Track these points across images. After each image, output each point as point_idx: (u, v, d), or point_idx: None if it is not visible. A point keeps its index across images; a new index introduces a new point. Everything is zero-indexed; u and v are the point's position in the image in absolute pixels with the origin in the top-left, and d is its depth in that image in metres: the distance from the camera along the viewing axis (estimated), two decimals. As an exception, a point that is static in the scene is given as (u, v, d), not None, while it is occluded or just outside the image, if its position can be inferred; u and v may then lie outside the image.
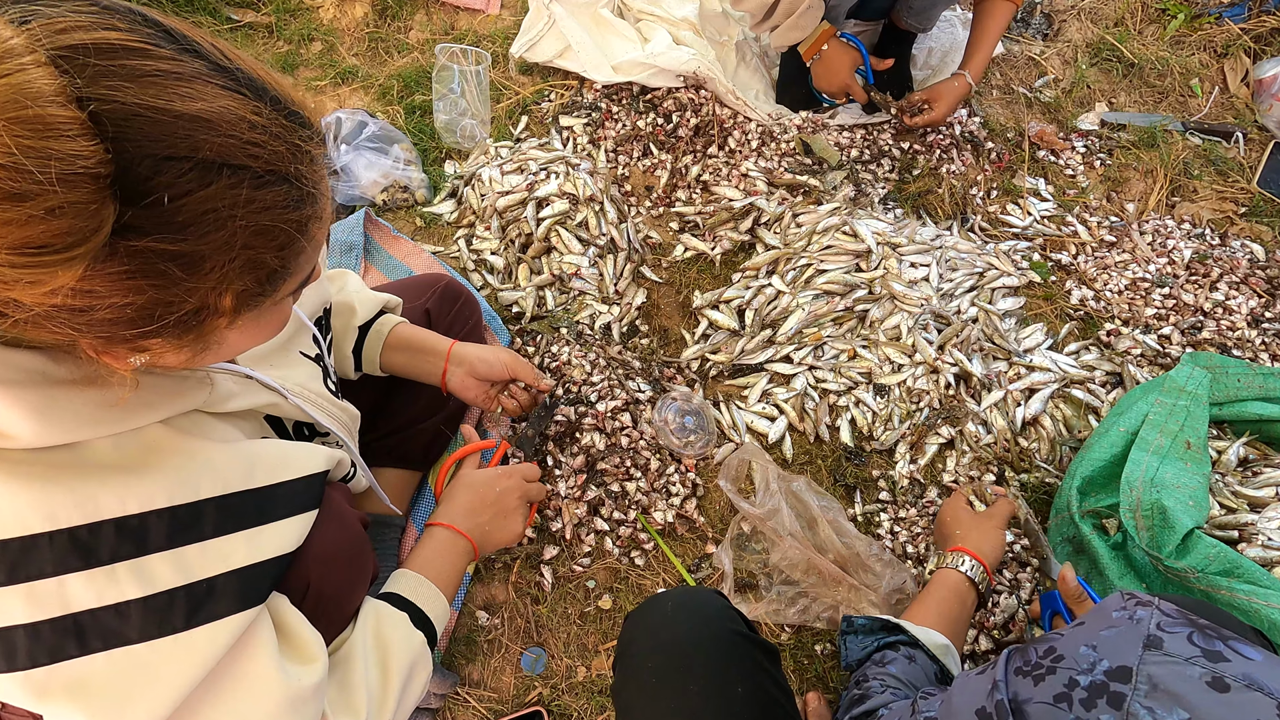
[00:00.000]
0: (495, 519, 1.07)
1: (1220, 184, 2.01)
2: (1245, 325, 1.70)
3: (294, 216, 0.56)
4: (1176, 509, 1.15)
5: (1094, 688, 0.54)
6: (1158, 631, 0.55)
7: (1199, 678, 0.51)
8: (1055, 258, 1.84)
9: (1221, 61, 2.22)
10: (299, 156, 0.55)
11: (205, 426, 0.70)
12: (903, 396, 1.57)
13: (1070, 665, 0.57)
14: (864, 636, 1.01)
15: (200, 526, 0.64)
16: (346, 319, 1.15)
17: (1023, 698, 0.58)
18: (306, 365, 0.90)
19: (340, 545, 0.82)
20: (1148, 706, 0.51)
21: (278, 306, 0.63)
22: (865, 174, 1.87)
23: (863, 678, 0.92)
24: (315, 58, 1.98)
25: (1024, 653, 0.62)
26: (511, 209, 1.67)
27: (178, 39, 0.51)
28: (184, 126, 0.48)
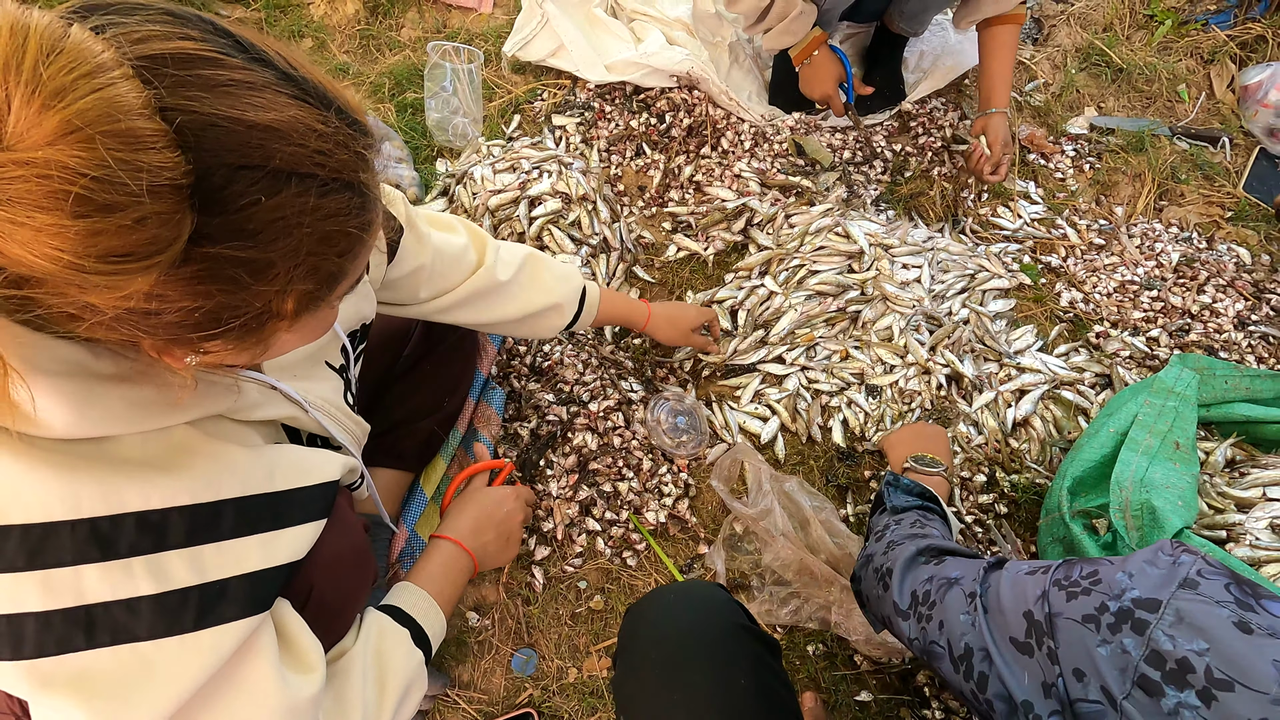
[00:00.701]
0: (498, 539, 1.10)
1: (1207, 188, 2.03)
2: (1232, 328, 1.72)
3: (356, 222, 0.57)
4: (1166, 509, 1.16)
5: (1121, 613, 0.57)
6: (1196, 576, 0.57)
7: (1226, 618, 0.53)
8: (1045, 260, 1.85)
9: (1208, 67, 2.24)
10: (361, 164, 0.56)
11: (229, 431, 0.70)
12: (895, 397, 1.58)
13: (1105, 589, 0.60)
14: (906, 495, 1.12)
15: (219, 526, 0.64)
16: (555, 320, 1.26)
17: (1055, 611, 0.63)
18: (331, 378, 0.90)
19: (344, 551, 0.82)
20: (1169, 634, 0.54)
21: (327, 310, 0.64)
22: (858, 175, 1.87)
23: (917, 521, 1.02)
24: (306, 54, 1.96)
25: (1070, 567, 0.66)
26: (504, 208, 1.66)
27: (247, 48, 0.51)
28: (257, 136, 0.49)
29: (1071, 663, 0.60)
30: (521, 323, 1.24)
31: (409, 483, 1.37)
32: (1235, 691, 0.50)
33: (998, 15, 1.74)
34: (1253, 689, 0.49)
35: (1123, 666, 0.56)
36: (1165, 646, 0.54)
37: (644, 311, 1.40)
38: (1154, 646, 0.54)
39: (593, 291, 1.31)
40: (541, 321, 1.26)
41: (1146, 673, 0.54)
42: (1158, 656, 0.54)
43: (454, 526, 1.06)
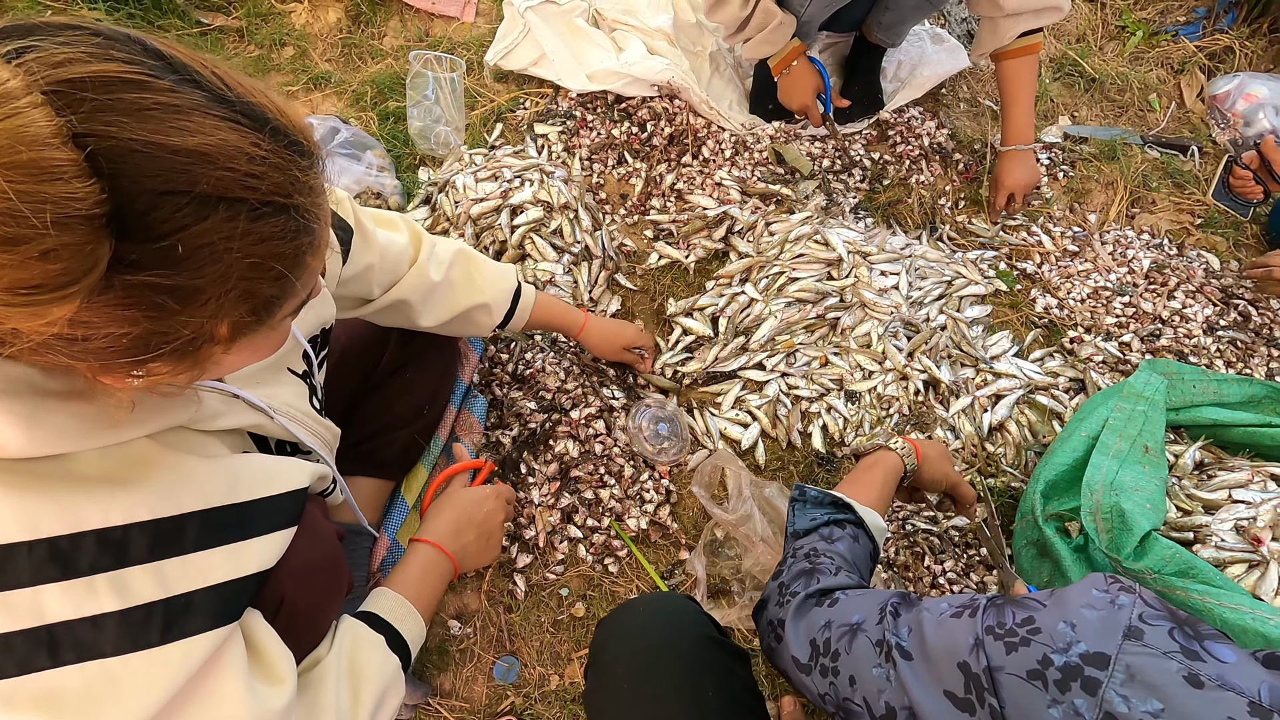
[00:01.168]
0: (479, 540, 1.09)
1: (1178, 196, 2.07)
2: (1201, 333, 1.76)
3: (291, 246, 0.56)
4: (1135, 511, 1.18)
5: (1068, 669, 0.55)
6: (1139, 623, 0.55)
7: (1176, 672, 0.52)
8: (1021, 267, 1.89)
9: (1178, 78, 2.29)
10: (297, 186, 0.55)
11: (191, 442, 0.70)
12: (873, 403, 1.60)
13: (1046, 641, 0.57)
14: (813, 508, 0.99)
15: (181, 540, 0.64)
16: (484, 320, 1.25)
17: (995, 665, 0.59)
18: (294, 383, 0.90)
19: (315, 559, 0.82)
20: (1123, 694, 0.52)
21: (276, 327, 0.63)
22: (837, 183, 1.90)
23: (813, 551, 0.92)
24: (287, 63, 1.97)
25: (1000, 612, 0.62)
26: (485, 216, 1.67)
27: (178, 69, 0.50)
28: (182, 161, 0.48)
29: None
30: (450, 324, 1.23)
31: (390, 491, 1.37)
32: None
33: (1008, 50, 1.75)
34: None
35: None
36: (1120, 709, 0.52)
37: (579, 320, 1.42)
38: (1107, 709, 0.52)
39: (528, 294, 1.31)
40: (470, 320, 1.25)
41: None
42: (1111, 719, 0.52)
43: (433, 529, 1.06)
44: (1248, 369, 1.72)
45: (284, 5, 2.04)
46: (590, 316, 1.44)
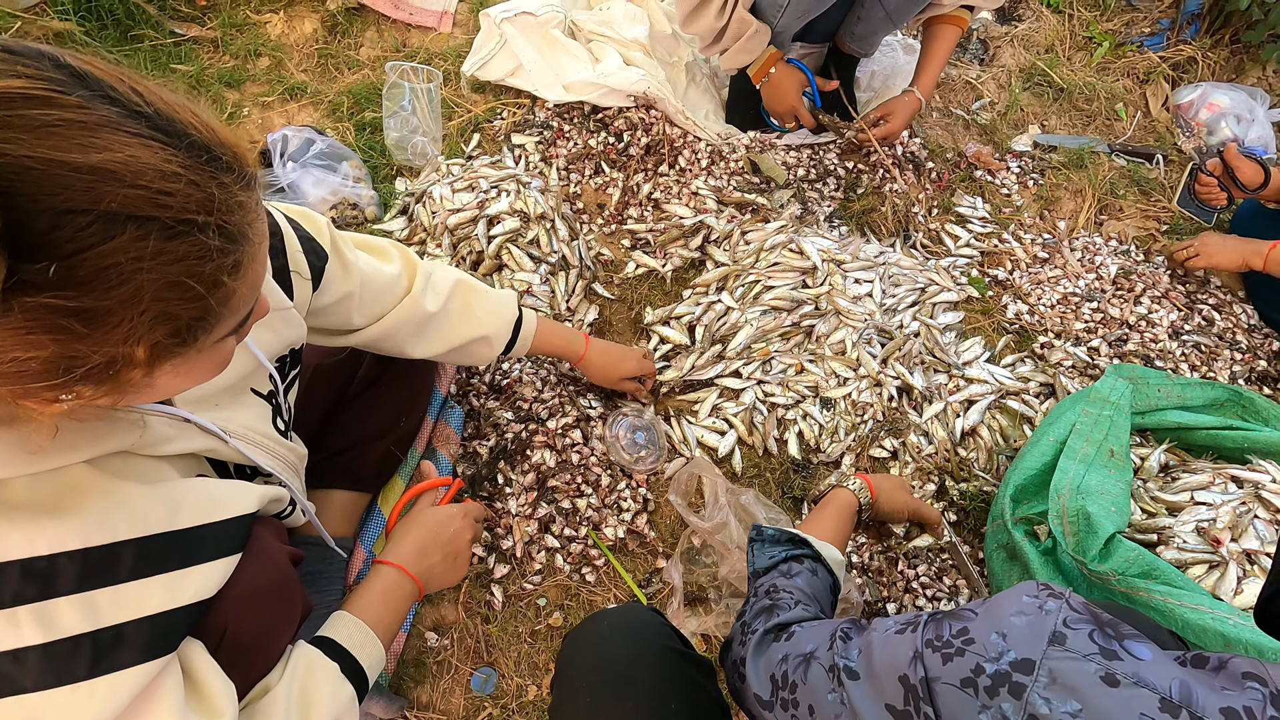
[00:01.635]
0: (444, 560, 1.05)
1: (1144, 203, 2.12)
2: (1166, 337, 1.80)
3: (212, 265, 0.54)
4: (1100, 515, 1.21)
5: (998, 676, 0.57)
6: (1063, 628, 0.58)
7: (1094, 673, 0.54)
8: (992, 274, 1.92)
9: (1143, 87, 2.35)
10: (218, 204, 0.53)
11: (136, 468, 0.68)
12: (848, 409, 1.62)
13: (979, 651, 0.59)
14: (771, 546, 1.02)
15: (115, 569, 0.62)
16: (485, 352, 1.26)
17: (933, 675, 0.61)
18: (257, 405, 0.88)
19: (262, 586, 0.79)
20: (1045, 697, 0.54)
21: (216, 347, 0.61)
22: (811, 192, 1.92)
23: (772, 587, 0.94)
24: (263, 73, 1.96)
25: (939, 625, 0.65)
26: (463, 226, 1.68)
27: (91, 85, 0.49)
28: (85, 179, 0.47)
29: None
30: (447, 355, 1.23)
31: (366, 504, 1.37)
32: None
33: (936, 15, 1.84)
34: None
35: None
36: (1042, 711, 0.54)
37: (581, 348, 1.41)
38: (1031, 711, 0.54)
39: (529, 323, 1.30)
40: (470, 352, 1.24)
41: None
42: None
43: (397, 550, 1.02)
44: (1211, 372, 1.76)
45: (259, 16, 2.04)
46: (591, 343, 1.41)
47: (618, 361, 1.46)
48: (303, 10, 2.06)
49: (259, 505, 0.79)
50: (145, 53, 1.90)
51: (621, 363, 1.47)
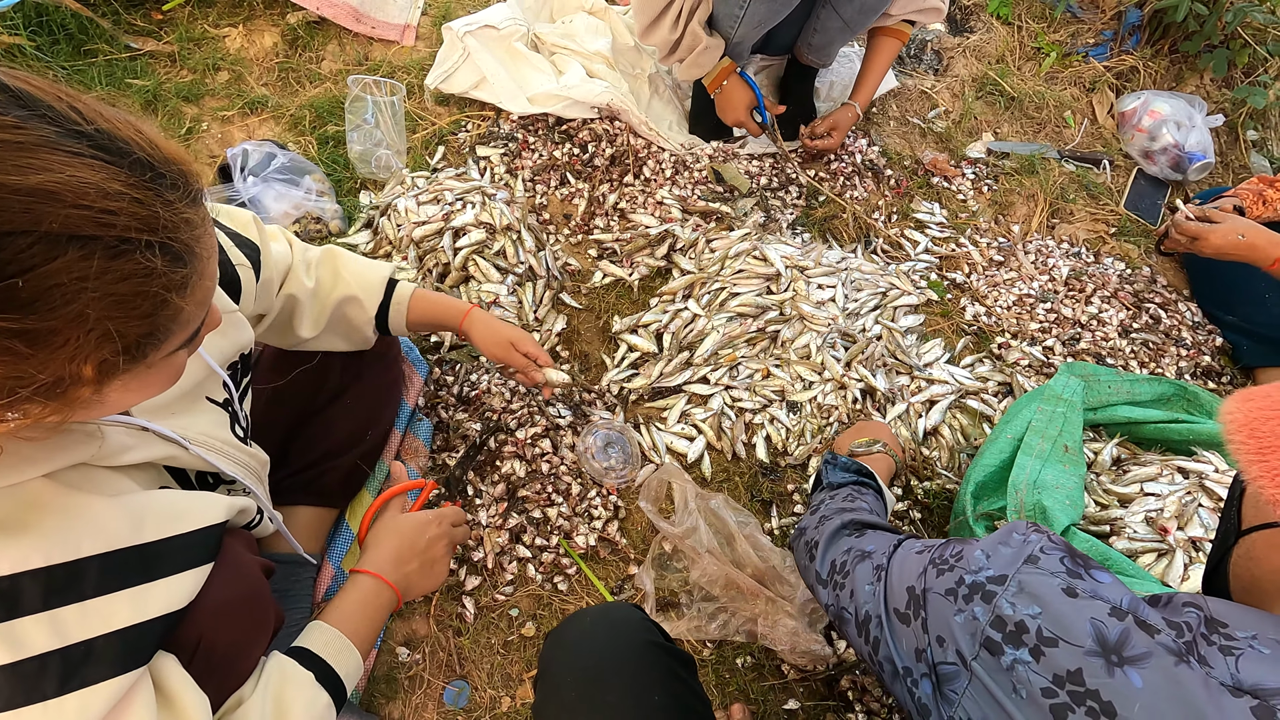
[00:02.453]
0: (422, 567, 1.04)
1: (1093, 207, 2.20)
2: (1117, 335, 1.87)
3: (159, 283, 0.54)
4: (1055, 508, 1.25)
5: (974, 586, 0.67)
6: (1038, 552, 0.66)
7: (1057, 585, 0.62)
8: (950, 277, 1.97)
9: (1090, 95, 2.44)
10: (163, 221, 0.54)
11: (96, 480, 0.67)
12: (814, 412, 1.65)
13: (965, 566, 0.69)
14: (844, 471, 1.22)
15: (80, 586, 0.61)
16: (358, 314, 1.19)
17: (928, 586, 0.72)
18: (212, 412, 0.88)
19: (235, 597, 0.78)
20: (1011, 602, 0.63)
21: (167, 361, 0.61)
22: (774, 201, 1.96)
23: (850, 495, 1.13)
24: (222, 87, 1.94)
25: (944, 549, 0.76)
26: (428, 239, 1.68)
27: (28, 104, 0.49)
28: (23, 200, 0.47)
29: (936, 630, 0.68)
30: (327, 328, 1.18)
31: (333, 519, 1.36)
32: (1059, 646, 0.58)
33: (880, 27, 1.91)
34: (1072, 644, 0.58)
35: (973, 631, 0.64)
36: (1007, 612, 0.62)
37: (460, 314, 1.30)
38: (998, 613, 0.63)
39: (403, 285, 1.24)
40: (346, 319, 1.20)
41: (991, 635, 0.62)
42: (1000, 621, 0.62)
43: (374, 559, 1.01)
44: (1159, 368, 1.83)
45: (218, 30, 2.02)
46: (475, 310, 1.32)
47: (501, 328, 1.32)
48: (262, 24, 2.05)
49: (227, 515, 0.79)
50: (99, 68, 1.87)
51: (506, 330, 1.32)
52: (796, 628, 1.32)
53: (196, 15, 2.03)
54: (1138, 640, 0.55)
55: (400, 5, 2.13)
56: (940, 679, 0.67)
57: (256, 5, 2.05)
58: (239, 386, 0.95)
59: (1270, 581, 0.60)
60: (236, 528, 0.88)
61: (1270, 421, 0.56)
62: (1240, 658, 0.52)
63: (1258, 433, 0.56)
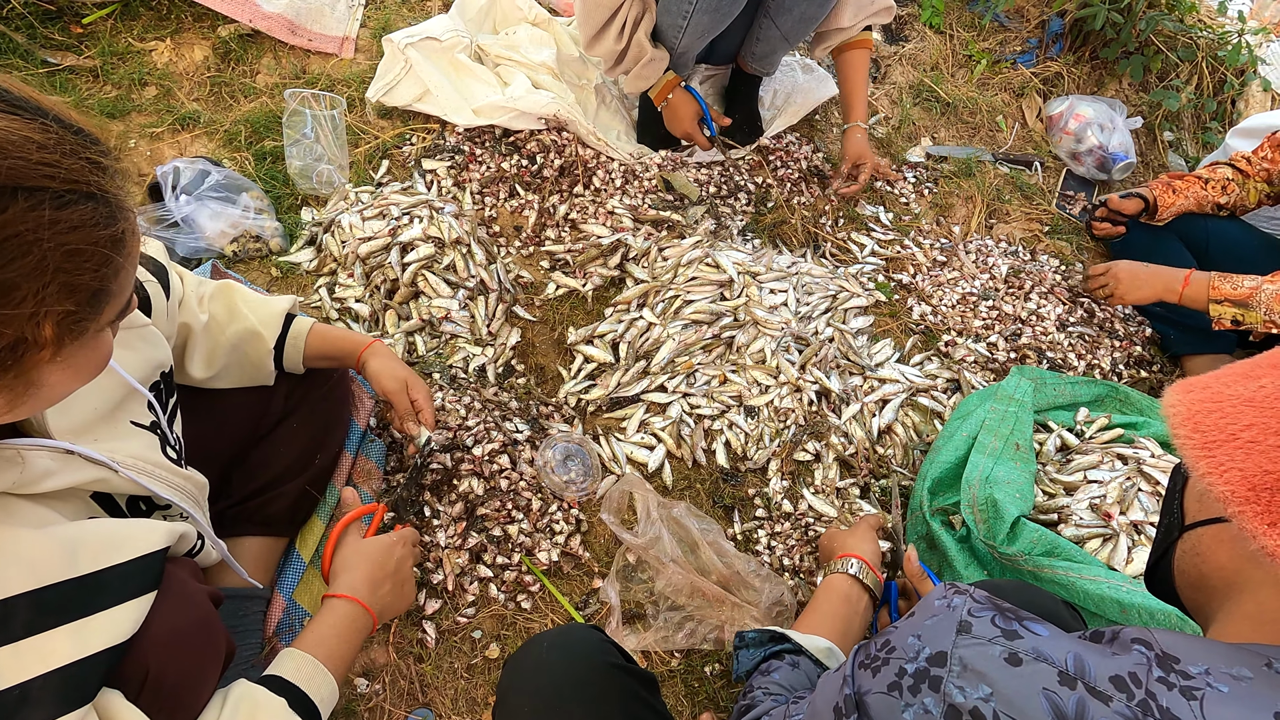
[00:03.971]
0: (394, 589, 1.05)
1: (1027, 207, 2.29)
2: (1055, 330, 1.94)
3: (106, 233, 0.55)
4: (1006, 502, 1.28)
5: (918, 674, 0.59)
6: (968, 617, 0.60)
7: (999, 655, 0.56)
8: (897, 278, 2.02)
9: (1019, 100, 2.54)
10: (97, 171, 0.55)
11: (17, 512, 0.64)
12: (771, 416, 1.66)
13: (900, 655, 0.62)
14: (754, 649, 1.05)
15: (10, 626, 0.58)
16: (257, 347, 1.14)
17: (864, 690, 0.63)
18: (140, 435, 0.84)
19: (184, 626, 0.76)
20: (959, 685, 0.56)
21: (98, 339, 0.61)
22: (724, 208, 1.98)
23: (749, 688, 0.96)
24: (150, 103, 1.86)
25: (867, 648, 0.67)
26: (375, 255, 1.63)
27: None
28: None
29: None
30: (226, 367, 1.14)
31: (283, 549, 1.30)
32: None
33: (845, 42, 1.94)
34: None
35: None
36: (958, 699, 0.56)
37: (363, 343, 1.25)
38: (949, 701, 0.56)
39: (300, 323, 1.21)
40: (244, 355, 1.15)
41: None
42: (954, 711, 0.56)
43: (348, 583, 1.00)
44: (1095, 359, 1.91)
45: (143, 43, 1.94)
46: (379, 342, 1.27)
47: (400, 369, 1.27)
48: (191, 37, 1.97)
49: (168, 541, 0.76)
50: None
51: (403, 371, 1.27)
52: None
53: (120, 29, 1.95)
54: (1095, 712, 0.51)
55: (338, 17, 2.09)
56: None
57: (185, 18, 1.98)
58: (165, 408, 0.91)
59: (1218, 578, 0.59)
60: (179, 555, 0.84)
61: (1213, 415, 0.55)
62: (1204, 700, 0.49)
63: (1201, 426, 0.55)
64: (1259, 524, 0.50)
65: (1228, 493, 0.52)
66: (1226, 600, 0.58)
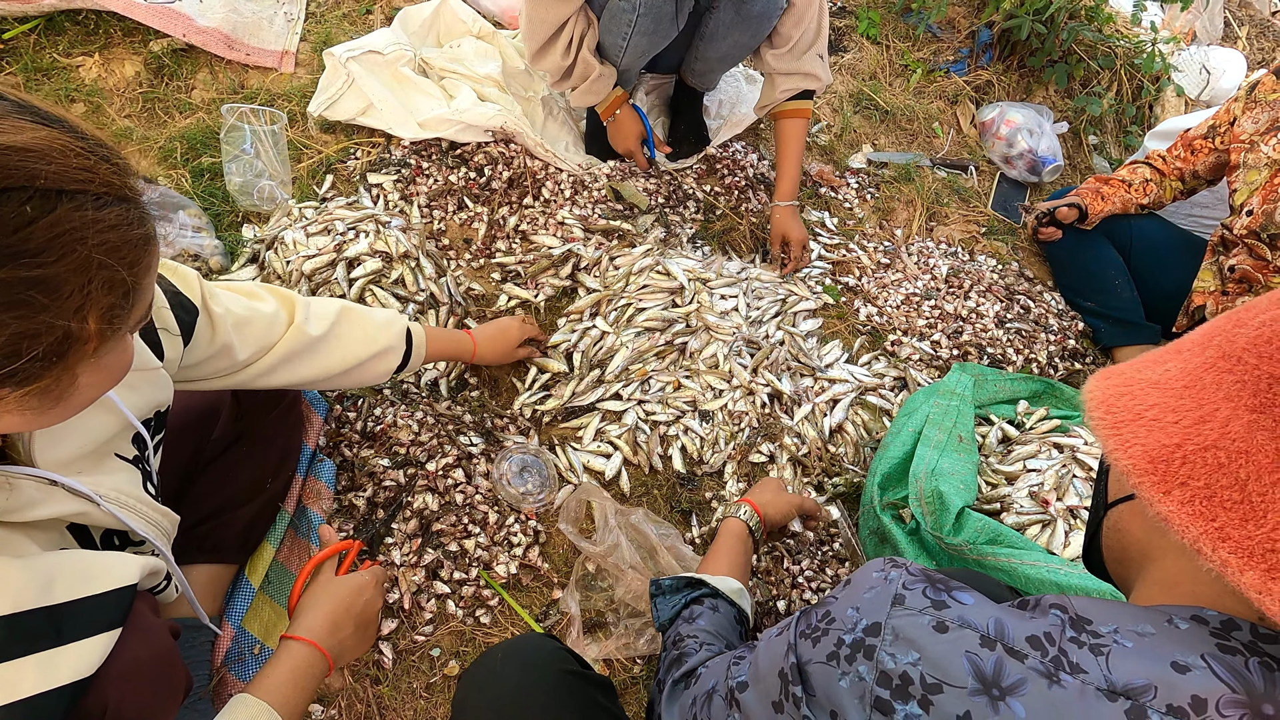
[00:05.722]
0: (356, 632, 1.00)
1: (964, 209, 2.38)
2: (994, 326, 2.02)
3: (138, 233, 0.60)
4: (950, 493, 1.33)
5: (854, 644, 0.62)
6: (902, 590, 0.63)
7: (928, 624, 0.60)
8: (844, 281, 2.08)
9: (954, 107, 2.65)
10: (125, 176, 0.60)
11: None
12: (725, 420, 1.69)
13: (839, 626, 0.64)
14: (671, 596, 1.07)
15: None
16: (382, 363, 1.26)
17: (805, 659, 0.66)
18: (124, 470, 0.83)
19: (145, 661, 0.74)
20: (890, 652, 0.59)
21: (124, 342, 0.64)
22: (674, 216, 2.01)
23: (677, 637, 0.97)
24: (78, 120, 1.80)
25: (808, 616, 0.69)
26: (320, 271, 1.61)
27: None
28: (15, 158, 0.52)
29: (826, 706, 0.62)
30: (349, 374, 1.23)
31: (232, 576, 1.27)
32: (944, 692, 0.56)
33: (781, 110, 1.92)
34: (954, 686, 0.55)
35: (860, 694, 0.59)
36: (889, 665, 0.59)
37: (469, 342, 1.46)
38: (881, 668, 0.59)
39: (418, 331, 1.33)
40: (371, 369, 1.26)
41: (879, 694, 0.58)
42: (885, 676, 0.58)
43: (307, 624, 0.96)
44: (1032, 354, 1.99)
45: (70, 59, 1.87)
46: (475, 333, 1.48)
47: (503, 333, 1.53)
48: (121, 52, 1.91)
49: (140, 576, 0.74)
50: (-72, 102, 1.69)
51: (507, 333, 1.53)
52: (723, 633, 1.33)
53: (44, 44, 1.88)
54: (1011, 668, 0.54)
55: (277, 31, 2.05)
56: None
57: (114, 33, 1.92)
58: (153, 443, 0.91)
59: (1135, 550, 0.63)
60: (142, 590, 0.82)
61: (1124, 398, 0.59)
62: (1110, 655, 0.53)
63: (1113, 409, 0.59)
64: (1156, 492, 0.54)
65: (1130, 466, 0.55)
66: (1141, 570, 0.62)
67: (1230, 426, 0.53)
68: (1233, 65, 2.90)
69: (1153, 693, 0.50)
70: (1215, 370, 0.55)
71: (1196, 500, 0.52)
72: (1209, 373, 0.56)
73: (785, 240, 1.99)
